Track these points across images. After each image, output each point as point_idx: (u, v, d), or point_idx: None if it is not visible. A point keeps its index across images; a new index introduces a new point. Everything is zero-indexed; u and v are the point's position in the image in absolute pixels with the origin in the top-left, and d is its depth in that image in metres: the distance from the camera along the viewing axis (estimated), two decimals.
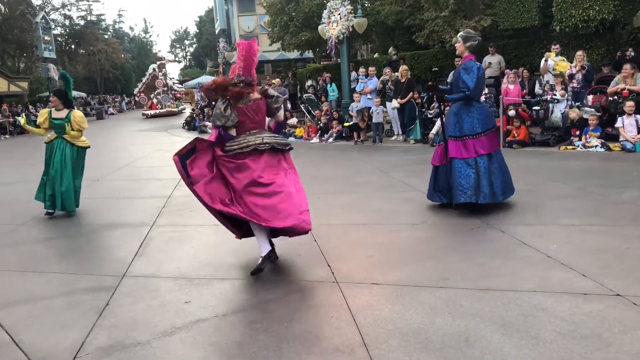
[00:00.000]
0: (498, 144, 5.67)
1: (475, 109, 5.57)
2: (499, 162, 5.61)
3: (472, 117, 5.54)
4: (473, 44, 5.64)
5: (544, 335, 2.95)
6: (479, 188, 5.45)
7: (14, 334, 3.39)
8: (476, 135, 5.51)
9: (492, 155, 5.55)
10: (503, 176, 5.61)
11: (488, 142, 5.54)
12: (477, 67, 5.52)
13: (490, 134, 5.58)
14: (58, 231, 6.04)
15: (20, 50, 36.35)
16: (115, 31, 60.48)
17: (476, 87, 5.49)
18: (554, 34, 12.90)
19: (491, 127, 5.63)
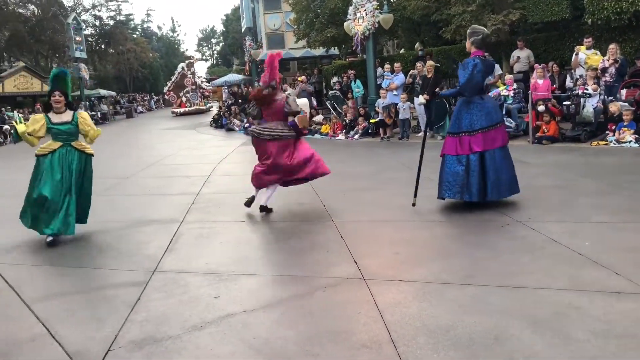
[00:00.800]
0: (502, 140, 5.59)
1: (474, 106, 5.57)
2: (499, 160, 5.52)
3: (471, 113, 5.56)
4: (477, 40, 5.64)
5: (576, 334, 2.90)
6: (467, 186, 5.47)
7: (50, 326, 3.49)
8: (473, 132, 5.50)
9: (489, 152, 5.48)
10: (499, 174, 5.50)
11: (486, 139, 5.48)
12: (472, 65, 5.51)
13: (490, 131, 5.50)
14: (90, 228, 6.17)
15: (52, 51, 37.23)
16: (143, 30, 61.46)
17: (467, 83, 5.53)
18: (585, 26, 12.59)
19: (493, 123, 5.55)
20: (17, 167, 13.13)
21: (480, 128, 5.50)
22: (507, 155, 5.66)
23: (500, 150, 5.56)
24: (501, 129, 5.64)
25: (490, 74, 5.68)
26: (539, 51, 13.70)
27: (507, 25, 13.71)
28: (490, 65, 5.77)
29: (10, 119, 23.07)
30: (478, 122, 5.52)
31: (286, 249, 4.86)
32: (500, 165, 5.51)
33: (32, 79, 29.18)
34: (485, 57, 5.73)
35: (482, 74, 5.57)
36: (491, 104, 5.76)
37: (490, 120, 5.54)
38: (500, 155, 5.54)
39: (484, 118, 5.52)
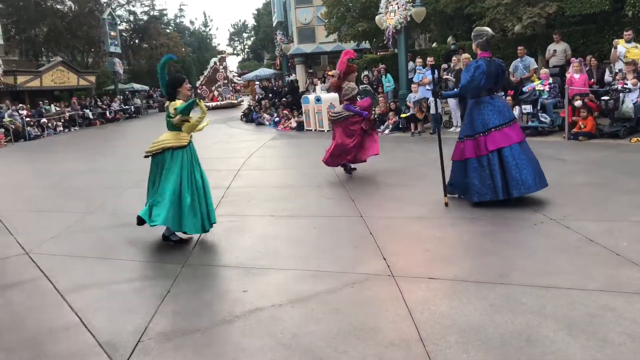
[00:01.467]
0: (518, 136, 5.57)
1: (485, 106, 5.62)
2: (518, 155, 5.48)
3: (483, 113, 5.60)
4: (481, 42, 5.68)
5: (612, 337, 2.81)
6: (493, 186, 5.49)
7: (83, 316, 3.57)
8: (487, 132, 5.53)
9: (506, 149, 5.47)
10: (521, 170, 5.44)
11: (501, 137, 5.49)
12: (474, 67, 5.56)
13: (504, 128, 5.51)
14: (122, 220, 6.28)
15: (88, 46, 37.99)
16: (176, 25, 62.16)
17: (468, 85, 5.60)
18: (625, 19, 12.15)
19: (506, 121, 5.55)
20: (51, 160, 13.50)
21: (493, 126, 5.53)
22: (527, 150, 5.63)
23: (518, 146, 5.53)
24: (515, 126, 5.64)
25: (500, 74, 5.69)
26: (576, 45, 13.31)
27: (543, 18, 13.36)
28: (498, 65, 5.71)
29: (48, 112, 23.71)
30: (491, 120, 5.55)
31: (315, 244, 4.85)
32: (521, 160, 5.47)
33: (69, 74, 29.84)
34: (493, 59, 5.70)
35: (486, 76, 5.53)
36: (501, 102, 5.77)
37: (503, 117, 5.56)
38: (518, 151, 5.51)
39: (496, 116, 5.55)
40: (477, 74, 5.52)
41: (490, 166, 5.50)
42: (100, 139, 18.93)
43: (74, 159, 12.96)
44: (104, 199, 7.46)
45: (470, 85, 5.59)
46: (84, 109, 26.69)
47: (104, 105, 29.20)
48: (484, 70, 5.51)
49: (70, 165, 11.73)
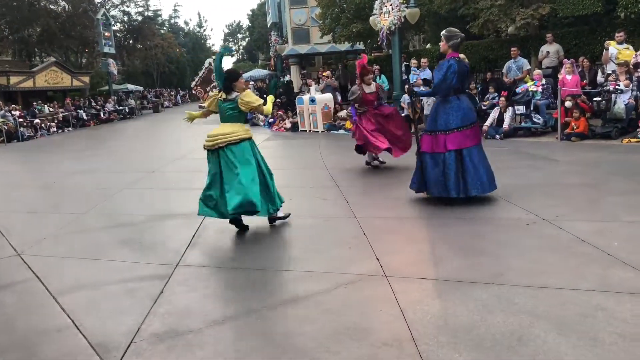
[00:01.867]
0: (476, 139, 5.78)
1: (451, 106, 5.75)
2: (474, 158, 5.67)
3: (448, 113, 5.74)
4: (455, 42, 5.79)
5: (603, 337, 2.83)
6: (445, 183, 5.69)
7: (75, 317, 3.56)
8: (448, 131, 5.68)
9: (466, 150, 5.65)
10: (478, 170, 5.66)
11: (461, 138, 5.66)
12: (447, 66, 5.69)
13: (465, 131, 5.68)
14: (116, 221, 6.28)
15: (82, 46, 37.83)
16: (170, 26, 62.04)
17: (440, 84, 5.73)
18: (617, 20, 12.24)
19: (467, 123, 5.71)
20: (44, 161, 13.45)
21: (455, 127, 5.68)
22: (482, 153, 5.81)
23: (476, 148, 5.72)
24: (475, 129, 5.81)
25: (466, 74, 5.92)
26: (569, 46, 13.39)
27: (536, 19, 13.42)
28: (465, 66, 5.89)
29: (41, 113, 23.60)
30: (454, 121, 5.69)
31: (308, 245, 4.85)
32: (478, 162, 5.68)
33: (62, 74, 29.71)
34: (461, 59, 5.86)
35: (457, 75, 5.68)
36: (466, 104, 5.86)
37: (466, 120, 5.72)
38: (476, 153, 5.70)
39: (460, 117, 5.69)
40: (449, 73, 5.66)
41: (444, 164, 5.68)
42: (94, 140, 18.86)
43: (68, 160, 12.91)
44: (97, 200, 7.44)
45: (443, 84, 5.72)
46: (78, 110, 26.59)
47: (97, 106, 29.11)
48: (456, 70, 5.65)
49: (64, 166, 11.69)
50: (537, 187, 6.32)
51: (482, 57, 16.03)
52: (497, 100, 11.29)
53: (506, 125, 10.75)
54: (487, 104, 11.61)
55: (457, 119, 5.69)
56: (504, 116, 10.90)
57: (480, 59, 16.05)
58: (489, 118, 11.13)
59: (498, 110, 11.03)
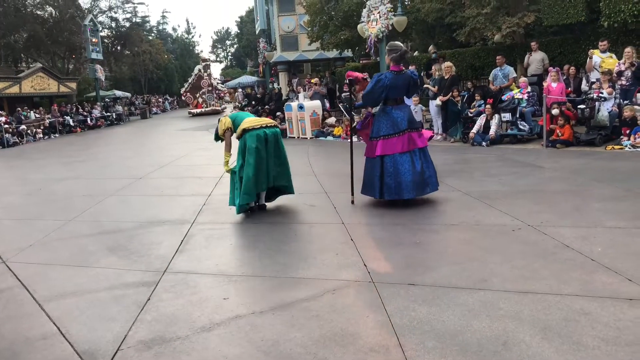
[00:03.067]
0: (402, 147, 6.08)
1: (384, 115, 6.20)
2: (398, 164, 6.04)
3: (380, 121, 6.20)
4: (395, 56, 6.18)
5: (586, 341, 2.87)
6: (382, 186, 6.11)
7: (61, 325, 3.54)
8: (378, 138, 6.15)
9: (388, 157, 6.06)
10: (396, 177, 6.03)
11: (385, 146, 6.08)
12: (376, 80, 6.16)
13: (391, 138, 6.08)
14: (103, 227, 6.24)
15: (69, 52, 37.63)
16: (159, 32, 61.89)
17: (367, 95, 6.21)
18: (601, 29, 12.44)
19: (397, 131, 6.09)
20: (30, 167, 13.32)
21: (383, 135, 6.12)
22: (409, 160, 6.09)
23: (400, 155, 6.07)
24: (404, 138, 6.10)
25: (410, 85, 6.33)
26: (554, 54, 13.58)
27: (522, 28, 13.61)
28: (408, 77, 6.26)
29: (27, 119, 23.40)
30: (385, 129, 6.13)
31: (296, 251, 4.86)
32: (408, 167, 6.04)
33: (49, 80, 29.52)
34: (403, 72, 6.23)
35: (389, 88, 6.10)
36: (401, 113, 6.20)
37: (395, 128, 6.10)
38: (402, 159, 6.06)
39: (389, 126, 6.11)
40: (376, 87, 6.12)
41: (375, 168, 6.15)
42: (81, 146, 18.73)
43: (54, 166, 12.81)
44: (84, 206, 7.40)
45: (369, 96, 6.21)
46: (65, 116, 26.41)
47: (85, 112, 28.92)
48: (385, 85, 6.08)
49: (50, 173, 11.60)
50: (522, 194, 6.40)
51: (469, 64, 16.19)
52: (483, 108, 11.40)
53: (492, 132, 10.86)
54: (473, 111, 11.72)
55: (386, 127, 6.11)
56: (490, 123, 11.01)
57: (467, 67, 16.20)
58: (476, 125, 11.24)
59: (484, 117, 11.14)
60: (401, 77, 6.18)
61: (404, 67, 6.34)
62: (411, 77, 6.31)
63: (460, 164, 9.06)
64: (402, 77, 6.18)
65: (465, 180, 7.45)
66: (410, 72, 6.43)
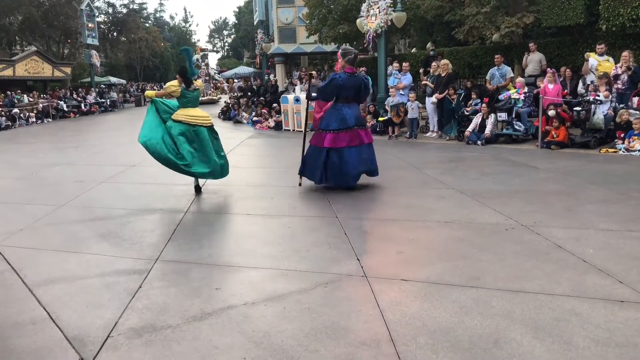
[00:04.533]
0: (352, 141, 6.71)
1: (335, 111, 6.80)
2: (349, 156, 6.67)
3: (331, 117, 6.78)
4: (350, 58, 6.78)
5: (576, 341, 2.88)
6: (318, 173, 6.77)
7: (51, 310, 3.51)
8: (327, 131, 6.74)
9: (333, 150, 6.68)
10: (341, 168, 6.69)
11: (337, 139, 6.68)
12: (330, 79, 6.78)
13: (340, 133, 6.69)
14: (96, 213, 6.20)
15: (65, 37, 37.26)
16: (156, 20, 61.50)
17: (322, 91, 6.89)
18: (599, 32, 12.47)
19: (343, 127, 6.69)
20: (23, 151, 13.22)
21: (332, 129, 6.71)
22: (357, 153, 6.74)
23: (349, 148, 6.67)
24: (351, 133, 6.72)
25: (361, 87, 6.91)
26: (552, 56, 13.61)
27: (520, 28, 13.61)
28: (360, 79, 6.88)
29: (20, 103, 23.20)
30: (332, 124, 6.72)
31: (289, 244, 4.85)
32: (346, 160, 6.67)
33: (43, 64, 29.25)
34: (356, 74, 6.87)
35: (342, 88, 6.69)
36: (349, 111, 6.80)
37: (343, 125, 6.70)
38: (348, 152, 6.68)
39: (338, 122, 6.71)
40: (329, 86, 6.75)
41: (320, 158, 6.73)
42: (74, 132, 18.59)
43: (46, 151, 12.71)
44: (76, 192, 7.34)
45: (323, 92, 6.89)
46: (59, 101, 26.20)
47: (79, 97, 28.69)
48: (339, 84, 6.66)
49: (42, 158, 11.50)
50: (516, 193, 6.42)
51: (467, 63, 16.20)
52: (479, 107, 11.42)
53: (488, 131, 10.88)
54: (469, 109, 11.73)
55: (335, 123, 6.71)
56: (486, 122, 11.02)
57: (465, 65, 16.22)
58: (471, 124, 11.26)
59: (480, 116, 11.16)
60: (354, 79, 6.75)
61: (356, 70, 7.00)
62: (363, 80, 6.93)
63: (455, 162, 9.08)
64: (354, 79, 6.76)
65: (459, 179, 7.46)
66: (362, 75, 7.08)
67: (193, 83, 6.89)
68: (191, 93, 6.82)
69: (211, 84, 34.66)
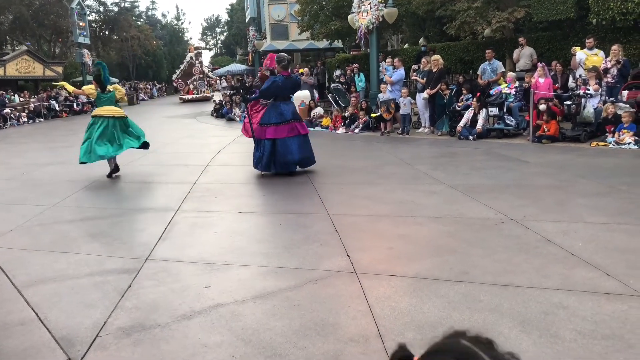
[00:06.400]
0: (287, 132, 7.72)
1: (274, 108, 7.81)
2: (287, 144, 7.66)
3: (270, 113, 7.81)
4: (284, 64, 7.90)
5: (563, 334, 2.90)
6: (261, 162, 7.77)
7: (39, 311, 3.50)
8: (269, 125, 7.75)
9: (279, 140, 7.66)
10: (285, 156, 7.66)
11: (277, 131, 7.69)
12: (271, 81, 7.78)
13: (280, 126, 7.70)
14: (86, 213, 6.18)
15: (56, 36, 37.06)
16: (148, 18, 61.17)
17: (264, 92, 7.87)
18: (590, 26, 12.52)
19: (282, 121, 7.71)
20: (13, 151, 13.14)
21: (273, 123, 7.72)
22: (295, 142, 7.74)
23: (288, 138, 7.69)
24: (288, 125, 7.75)
25: (295, 87, 8.29)
26: (542, 50, 13.63)
27: (511, 22, 13.64)
28: (294, 81, 8.15)
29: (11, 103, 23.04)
30: (271, 118, 7.76)
31: (280, 241, 4.85)
32: (288, 148, 7.67)
33: (34, 63, 29.08)
34: (290, 76, 8.03)
35: (280, 88, 7.75)
36: (285, 108, 7.85)
37: (281, 118, 7.73)
38: (288, 141, 7.67)
39: (277, 117, 7.73)
40: (271, 87, 7.73)
41: (263, 148, 7.73)
42: (66, 131, 18.49)
43: (38, 151, 12.64)
44: (67, 192, 7.31)
45: (266, 92, 7.85)
46: (50, 100, 26.05)
47: (71, 97, 28.51)
48: (278, 85, 7.72)
49: (34, 157, 11.44)
50: (506, 188, 6.44)
51: (458, 58, 16.21)
52: (470, 102, 11.44)
53: (479, 126, 10.90)
54: (461, 105, 11.75)
55: (275, 117, 7.72)
56: (477, 117, 11.05)
57: (457, 60, 16.23)
58: (463, 119, 11.28)
59: (472, 111, 11.18)
60: (289, 81, 7.91)
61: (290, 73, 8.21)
62: (296, 81, 8.32)
63: (447, 157, 9.10)
64: (290, 81, 7.92)
65: (450, 174, 7.48)
66: (295, 76, 8.43)
67: (107, 88, 8.42)
68: (105, 95, 8.36)
69: (205, 82, 34.82)
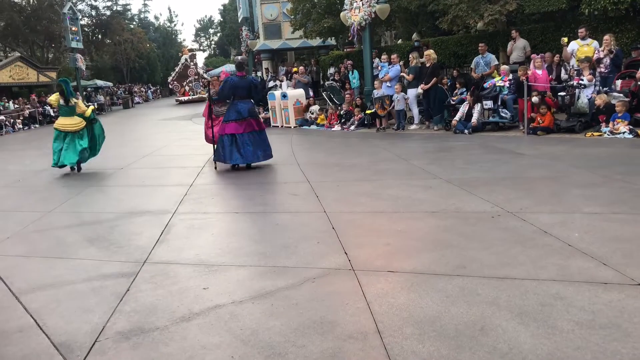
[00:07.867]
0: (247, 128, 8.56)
1: (233, 106, 8.63)
2: (245, 140, 8.48)
3: (230, 111, 8.65)
4: (237, 64, 9.00)
5: (561, 325, 2.91)
6: (223, 155, 8.57)
7: (38, 317, 3.49)
8: (228, 122, 8.58)
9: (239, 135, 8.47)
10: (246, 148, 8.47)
11: (236, 127, 8.51)
12: (225, 81, 8.72)
13: (239, 122, 8.51)
14: (83, 218, 6.17)
15: (48, 41, 36.89)
16: (140, 21, 61.04)
17: (220, 92, 8.84)
18: (582, 17, 12.52)
19: (240, 118, 8.52)
20: (9, 158, 13.11)
21: (232, 119, 8.55)
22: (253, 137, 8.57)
23: (246, 134, 8.51)
24: (246, 122, 8.55)
25: (252, 87, 8.77)
26: (535, 42, 13.63)
27: (504, 15, 13.63)
28: (249, 81, 8.81)
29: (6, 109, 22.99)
30: (230, 115, 8.57)
31: (277, 240, 4.85)
32: (246, 142, 8.48)
33: (28, 69, 28.98)
34: (245, 77, 8.80)
35: (235, 88, 8.54)
36: (244, 105, 8.61)
37: (239, 115, 8.52)
38: (246, 137, 8.49)
39: (235, 114, 8.54)
40: (225, 86, 8.63)
41: (223, 142, 8.52)
42: None
43: (34, 157, 12.61)
44: (64, 197, 7.30)
45: (221, 93, 8.78)
46: (45, 106, 25.99)
47: None
48: (232, 85, 8.54)
49: (30, 164, 11.42)
50: (503, 180, 6.46)
51: (452, 52, 16.21)
52: (465, 96, 11.45)
53: (474, 120, 10.92)
54: (455, 99, 11.76)
55: (233, 114, 8.52)
56: (472, 111, 11.05)
57: (450, 55, 16.23)
58: (458, 113, 11.29)
59: (467, 105, 11.19)
60: (243, 81, 8.64)
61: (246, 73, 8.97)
62: (252, 81, 8.98)
63: (443, 152, 9.11)
64: (244, 81, 8.66)
65: (446, 168, 7.49)
66: (251, 77, 9.28)
67: (70, 101, 9.33)
68: (66, 107, 9.33)
69: (200, 83, 35.12)
